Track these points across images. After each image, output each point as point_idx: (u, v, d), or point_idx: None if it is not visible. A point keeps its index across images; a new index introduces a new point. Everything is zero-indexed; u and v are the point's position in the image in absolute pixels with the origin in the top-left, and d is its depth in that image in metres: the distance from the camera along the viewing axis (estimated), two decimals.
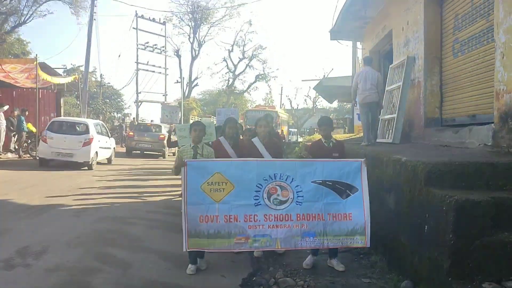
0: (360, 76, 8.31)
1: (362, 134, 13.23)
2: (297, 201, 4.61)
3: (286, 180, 4.62)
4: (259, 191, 4.58)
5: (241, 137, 6.10)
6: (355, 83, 8.55)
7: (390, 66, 9.28)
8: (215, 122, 21.96)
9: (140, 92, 33.70)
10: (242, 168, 4.68)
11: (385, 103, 9.11)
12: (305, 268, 4.90)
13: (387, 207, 5.11)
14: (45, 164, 13.63)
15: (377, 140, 8.93)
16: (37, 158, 15.33)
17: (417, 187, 4.46)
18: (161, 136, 20.28)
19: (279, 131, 27.13)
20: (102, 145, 14.81)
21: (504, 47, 4.95)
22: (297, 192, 4.62)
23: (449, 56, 7.24)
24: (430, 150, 6.00)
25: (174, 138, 7.88)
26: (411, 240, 4.50)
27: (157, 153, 20.76)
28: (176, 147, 7.46)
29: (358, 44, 14.17)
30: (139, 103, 34.10)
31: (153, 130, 21.10)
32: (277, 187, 4.61)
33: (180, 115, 13.93)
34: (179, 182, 11.27)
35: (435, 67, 7.57)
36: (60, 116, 20.37)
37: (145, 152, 20.93)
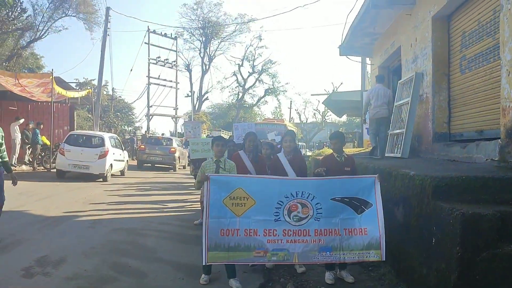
0: (372, 93, 8.96)
1: (371, 148, 13.44)
2: (315, 217, 4.71)
3: (307, 198, 4.70)
4: (280, 207, 4.66)
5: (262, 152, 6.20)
6: (367, 98, 9.11)
7: (399, 81, 9.43)
8: (230, 135, 22.20)
9: (151, 106, 34.17)
10: (264, 184, 4.77)
11: (394, 118, 9.25)
12: (315, 280, 5.01)
13: (396, 220, 5.21)
14: (62, 176, 14.11)
15: (386, 155, 9.06)
16: (50, 170, 15.74)
17: (424, 200, 4.57)
18: (171, 149, 20.58)
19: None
20: (116, 158, 15.30)
21: (510, 65, 5.08)
22: (317, 209, 4.71)
23: (456, 72, 7.37)
24: (437, 164, 6.10)
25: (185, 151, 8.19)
26: (419, 252, 4.60)
27: (167, 166, 21.01)
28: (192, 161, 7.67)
29: (367, 60, 14.36)
30: (150, 117, 34.50)
31: (164, 143, 21.38)
32: (298, 204, 4.69)
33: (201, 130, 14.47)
34: (189, 196, 11.50)
35: (443, 83, 7.70)
36: (73, 129, 20.81)
37: (155, 165, 21.19)
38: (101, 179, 14.19)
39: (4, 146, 6.09)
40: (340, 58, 12.54)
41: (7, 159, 6.10)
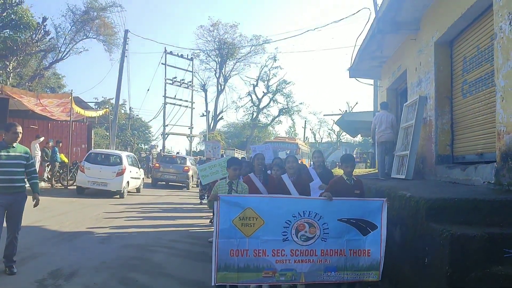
0: (377, 119, 9.62)
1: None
2: (322, 238, 4.78)
3: (314, 217, 4.77)
4: (288, 227, 4.72)
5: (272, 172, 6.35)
6: (373, 124, 9.76)
7: (404, 104, 9.62)
8: (243, 155, 22.47)
9: (167, 125, 34.75)
10: (272, 204, 4.83)
11: (399, 140, 9.41)
12: None
13: (393, 239, 5.36)
14: (81, 192, 14.79)
15: (393, 176, 9.20)
16: (68, 187, 16.23)
17: (419, 221, 4.74)
18: (185, 168, 20.94)
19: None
20: (133, 176, 15.88)
21: (503, 90, 5.26)
22: (323, 229, 4.78)
23: (458, 96, 7.55)
24: (436, 186, 6.25)
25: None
26: (413, 271, 4.75)
27: (181, 184, 21.35)
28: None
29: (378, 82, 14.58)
30: (166, 136, 35.06)
31: (178, 162, 21.76)
32: (306, 224, 4.76)
33: (221, 150, 14.91)
34: (201, 213, 11.74)
35: (445, 106, 7.87)
36: (91, 147, 21.39)
37: (169, 183, 21.55)
38: (118, 196, 14.75)
39: (34, 167, 5.90)
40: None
41: (36, 180, 5.91)
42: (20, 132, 5.62)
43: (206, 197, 12.56)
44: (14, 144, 5.57)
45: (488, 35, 6.34)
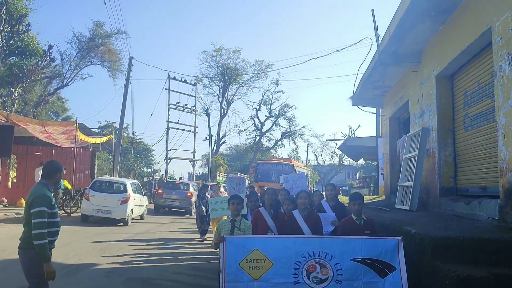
0: (400, 143, 10.27)
1: (385, 196, 13.58)
2: (336, 280, 4.52)
3: (325, 257, 4.58)
4: (298, 268, 4.53)
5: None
6: (397, 148, 10.65)
7: (407, 135, 9.73)
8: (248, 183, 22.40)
9: (170, 150, 34.91)
10: (280, 244, 4.69)
11: (403, 170, 9.49)
12: None
13: None
14: (86, 220, 14.95)
15: (397, 206, 9.24)
16: (71, 214, 16.29)
17: (424, 259, 4.78)
18: (188, 194, 20.97)
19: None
20: (137, 203, 16.03)
21: (505, 128, 5.36)
22: (336, 270, 4.55)
23: (460, 129, 7.65)
24: (441, 221, 6.29)
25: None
26: None
27: (184, 210, 21.35)
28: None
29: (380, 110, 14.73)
30: (169, 160, 35.18)
31: (181, 188, 21.81)
32: (317, 264, 4.56)
33: (246, 185, 13.90)
34: (203, 241, 11.73)
35: (448, 138, 7.97)
36: (94, 173, 21.52)
37: (172, 209, 21.56)
38: (122, 224, 14.84)
39: (34, 219, 4.10)
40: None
41: (42, 241, 4.11)
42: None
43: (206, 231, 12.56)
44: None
45: (488, 72, 6.48)
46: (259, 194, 11.75)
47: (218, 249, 4.92)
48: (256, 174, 27.81)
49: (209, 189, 14.49)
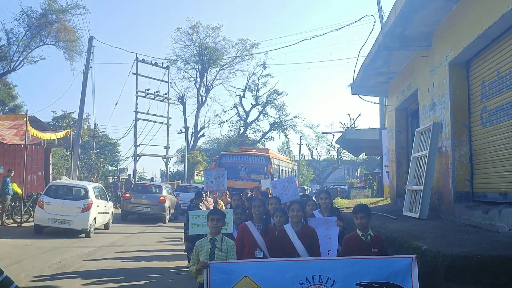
0: None
1: (390, 199, 13.70)
2: None
3: (326, 283, 4.54)
4: None
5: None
6: None
7: (416, 130, 9.81)
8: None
9: (138, 145, 34.69)
10: (274, 270, 4.64)
11: (411, 171, 9.58)
12: None
13: None
14: (40, 231, 14.63)
15: (404, 213, 9.33)
16: (21, 225, 16.03)
17: (437, 281, 4.83)
18: (161, 198, 20.83)
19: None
20: (100, 210, 15.78)
21: None
22: None
23: (477, 125, 7.73)
24: (456, 233, 6.35)
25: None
26: None
27: (156, 217, 21.17)
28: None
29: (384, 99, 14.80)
30: (138, 158, 34.97)
31: (153, 191, 21.63)
32: None
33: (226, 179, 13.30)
34: (179, 259, 11.60)
35: (463, 136, 8.05)
36: (49, 174, 21.30)
37: (142, 216, 21.40)
38: (83, 235, 14.62)
39: None
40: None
41: None
42: None
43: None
44: None
45: (509, 59, 6.55)
46: (227, 200, 11.08)
47: (200, 278, 4.86)
48: (217, 167, 24.03)
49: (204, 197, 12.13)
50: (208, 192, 13.11)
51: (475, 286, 4.45)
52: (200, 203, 10.63)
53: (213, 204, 11.21)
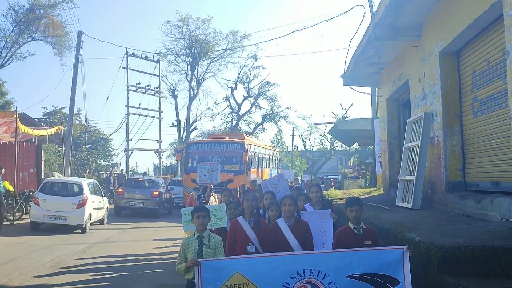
0: None
1: (383, 189, 13.74)
2: None
3: (317, 276, 4.56)
4: None
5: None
6: None
7: (408, 120, 9.82)
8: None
9: (130, 140, 34.53)
10: (265, 265, 4.66)
11: (403, 162, 9.60)
12: None
13: None
14: (36, 228, 14.79)
15: (397, 203, 9.36)
16: (14, 222, 15.96)
17: (431, 272, 4.86)
18: (154, 192, 20.80)
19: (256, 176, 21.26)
20: (95, 206, 15.96)
21: None
22: None
23: (469, 114, 7.75)
24: (449, 223, 6.39)
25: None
26: None
27: (150, 212, 21.15)
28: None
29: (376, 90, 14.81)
30: (130, 152, 34.84)
31: (146, 186, 21.61)
32: (307, 285, 4.56)
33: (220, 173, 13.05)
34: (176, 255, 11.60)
35: (455, 125, 8.06)
36: (41, 171, 21.11)
37: (136, 211, 21.37)
38: (79, 230, 14.77)
39: None
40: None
41: None
42: None
43: None
44: None
45: (499, 49, 6.54)
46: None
47: (189, 275, 4.88)
48: (186, 161, 22.43)
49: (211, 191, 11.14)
50: (212, 186, 12.89)
51: (469, 277, 4.47)
52: (210, 198, 10.39)
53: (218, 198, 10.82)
